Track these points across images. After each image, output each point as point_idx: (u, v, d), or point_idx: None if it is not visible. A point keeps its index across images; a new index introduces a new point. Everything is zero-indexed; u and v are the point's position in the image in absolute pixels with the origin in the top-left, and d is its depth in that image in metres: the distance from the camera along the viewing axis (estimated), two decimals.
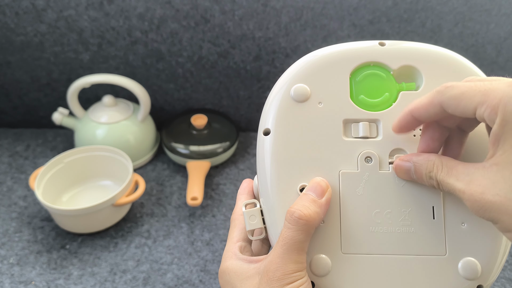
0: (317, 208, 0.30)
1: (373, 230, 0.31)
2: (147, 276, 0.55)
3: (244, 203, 0.34)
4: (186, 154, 0.72)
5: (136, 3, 0.68)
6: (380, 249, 0.31)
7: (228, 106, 0.81)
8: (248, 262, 0.31)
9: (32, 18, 0.69)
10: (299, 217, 0.29)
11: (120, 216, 0.62)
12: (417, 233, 0.31)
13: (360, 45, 0.34)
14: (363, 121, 0.33)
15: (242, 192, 0.37)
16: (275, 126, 0.33)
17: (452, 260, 0.30)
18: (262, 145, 0.33)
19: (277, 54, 0.74)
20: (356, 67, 0.34)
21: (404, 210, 0.31)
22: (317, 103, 0.33)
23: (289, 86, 0.34)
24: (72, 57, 0.73)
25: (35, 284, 0.54)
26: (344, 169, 0.32)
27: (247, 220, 0.33)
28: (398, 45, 0.34)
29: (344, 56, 0.34)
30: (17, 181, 0.70)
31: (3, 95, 0.78)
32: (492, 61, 0.76)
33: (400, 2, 0.69)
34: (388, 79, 0.33)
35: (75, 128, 0.73)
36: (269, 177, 0.33)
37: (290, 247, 0.29)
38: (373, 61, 0.34)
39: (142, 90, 0.70)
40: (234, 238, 0.34)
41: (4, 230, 0.61)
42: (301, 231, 0.29)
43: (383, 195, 0.31)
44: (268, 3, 0.68)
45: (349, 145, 0.32)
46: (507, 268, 0.56)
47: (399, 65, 0.33)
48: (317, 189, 0.31)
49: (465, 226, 0.31)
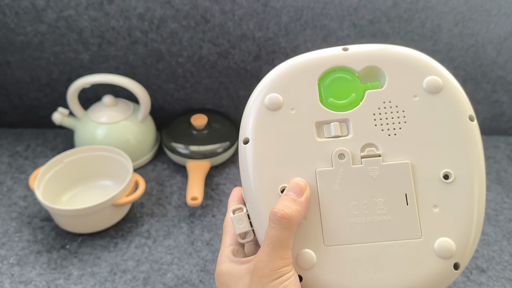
0: (297, 206, 0.32)
1: (352, 221, 0.33)
2: (147, 276, 0.55)
3: (232, 209, 0.36)
4: (186, 154, 0.72)
5: (136, 3, 0.68)
6: (360, 239, 0.33)
7: (228, 106, 0.81)
8: (240, 264, 0.33)
9: (32, 18, 0.69)
10: (281, 216, 0.31)
11: (120, 216, 0.62)
12: (393, 220, 0.33)
13: (326, 52, 0.37)
14: (334, 121, 0.35)
15: (232, 199, 0.39)
16: (253, 135, 0.35)
17: (428, 242, 0.33)
18: (244, 153, 0.36)
19: (277, 54, 0.74)
20: (323, 73, 0.36)
21: (380, 199, 0.33)
22: (290, 109, 0.35)
23: (263, 96, 0.36)
24: (72, 57, 0.73)
25: (35, 284, 0.54)
26: (320, 167, 0.34)
27: (235, 224, 0.35)
28: (360, 48, 0.37)
29: (311, 64, 0.36)
30: (17, 181, 0.70)
31: (3, 95, 0.78)
32: (492, 61, 0.76)
33: (400, 2, 0.69)
34: (354, 80, 0.36)
35: (75, 128, 0.73)
36: (252, 182, 0.35)
37: (276, 244, 0.31)
38: (339, 65, 0.36)
39: (142, 90, 0.70)
40: (227, 243, 0.36)
41: (4, 230, 0.61)
42: (285, 229, 0.31)
43: (358, 188, 0.34)
44: (268, 3, 0.68)
45: (323, 145, 0.35)
46: (507, 268, 0.56)
47: (362, 66, 0.36)
48: (296, 189, 0.33)
49: (437, 209, 0.33)
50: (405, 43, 0.73)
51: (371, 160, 0.34)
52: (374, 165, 0.34)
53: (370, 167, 0.34)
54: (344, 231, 0.33)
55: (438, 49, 0.75)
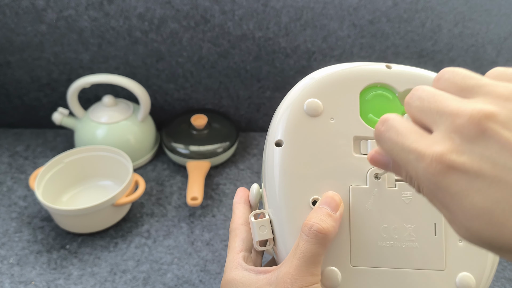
0: (333, 222, 0.30)
1: (380, 244, 0.32)
2: (147, 276, 0.55)
3: (253, 213, 0.34)
4: (186, 154, 0.72)
5: (136, 3, 0.68)
6: (386, 263, 0.32)
7: (228, 106, 0.81)
8: (256, 273, 0.31)
9: (32, 18, 0.69)
10: (318, 230, 0.29)
11: (120, 216, 0.62)
12: (420, 248, 0.32)
13: (369, 66, 0.35)
14: (372, 139, 0.33)
15: (239, 201, 0.37)
16: (288, 139, 0.33)
17: (450, 275, 0.32)
18: (273, 156, 0.34)
19: (277, 54, 0.74)
20: (366, 87, 0.35)
21: (410, 226, 0.33)
22: (329, 118, 0.34)
23: (302, 100, 0.34)
24: (72, 57, 0.73)
25: (35, 284, 0.54)
26: (354, 184, 0.33)
27: (257, 230, 0.33)
28: (404, 69, 0.35)
29: (355, 75, 0.35)
30: (17, 181, 0.70)
31: (3, 95, 0.78)
32: (492, 61, 0.76)
33: (400, 2, 0.69)
34: (394, 100, 0.35)
35: (75, 128, 0.73)
36: (279, 188, 0.33)
37: (308, 259, 0.29)
38: (381, 82, 0.35)
39: (142, 90, 0.70)
40: (237, 248, 0.33)
41: (4, 230, 0.61)
42: (320, 244, 0.29)
43: (390, 211, 0.33)
44: (268, 3, 0.68)
45: (359, 161, 0.33)
46: (507, 268, 0.56)
47: (404, 88, 0.35)
48: (331, 204, 0.31)
49: (461, 243, 0.33)
50: (405, 43, 0.73)
51: (405, 185, 0.33)
52: (408, 190, 0.33)
53: (404, 192, 0.33)
54: (372, 253, 0.32)
55: (438, 49, 0.75)
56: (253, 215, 0.34)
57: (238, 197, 0.37)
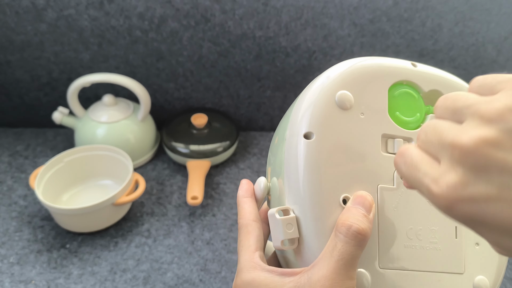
0: (369, 223, 0.28)
1: (406, 246, 0.32)
2: (147, 275, 0.55)
3: (279, 208, 0.31)
4: (186, 153, 0.72)
5: (136, 3, 0.68)
6: (412, 265, 0.32)
7: (228, 105, 0.81)
8: (280, 275, 0.29)
9: (32, 17, 0.69)
10: (357, 231, 0.27)
11: (120, 215, 0.62)
12: (442, 251, 0.32)
13: (396, 62, 0.34)
14: (399, 137, 0.32)
15: (245, 194, 0.34)
16: (319, 131, 0.31)
17: (469, 278, 0.32)
18: (300, 149, 0.31)
19: (277, 53, 0.74)
20: (393, 83, 0.34)
21: (433, 228, 0.32)
22: (360, 113, 0.32)
23: (334, 91, 0.32)
24: (72, 56, 0.73)
25: (35, 283, 0.54)
26: (382, 183, 0.32)
27: (284, 228, 0.30)
28: (429, 69, 0.35)
29: (384, 70, 0.33)
30: (17, 180, 0.70)
31: (3, 94, 0.78)
32: (493, 60, 0.76)
33: (401, 1, 0.69)
34: (419, 100, 0.34)
35: (75, 128, 0.73)
36: (307, 184, 0.30)
37: (347, 262, 0.27)
38: (407, 80, 0.34)
39: (142, 89, 0.70)
40: (252, 247, 0.31)
41: (4, 229, 0.61)
42: (359, 246, 0.28)
43: (416, 213, 0.32)
44: (269, 2, 0.68)
45: (387, 161, 0.32)
46: (507, 268, 0.56)
47: (429, 88, 0.34)
48: (365, 204, 0.29)
49: (478, 247, 0.33)
50: (406, 42, 0.73)
51: None
52: None
53: None
54: (398, 255, 0.31)
55: (439, 48, 0.75)
56: (277, 212, 0.31)
57: (243, 191, 0.35)
